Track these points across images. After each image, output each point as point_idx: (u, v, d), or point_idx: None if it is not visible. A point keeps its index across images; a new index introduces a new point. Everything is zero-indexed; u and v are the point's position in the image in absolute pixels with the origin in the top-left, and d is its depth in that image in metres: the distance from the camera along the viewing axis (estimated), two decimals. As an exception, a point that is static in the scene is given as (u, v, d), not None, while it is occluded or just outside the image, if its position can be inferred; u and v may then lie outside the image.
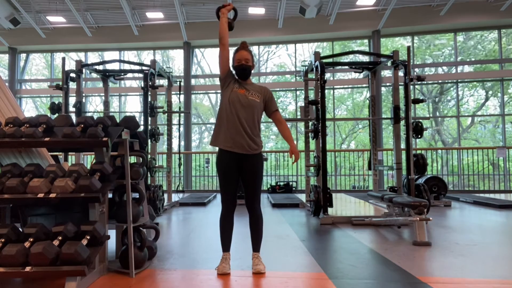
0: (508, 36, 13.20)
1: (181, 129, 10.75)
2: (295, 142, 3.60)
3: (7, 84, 8.95)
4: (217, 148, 2.94)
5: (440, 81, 14.57)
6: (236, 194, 2.94)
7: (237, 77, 2.97)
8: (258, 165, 2.90)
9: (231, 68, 2.99)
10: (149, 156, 6.14)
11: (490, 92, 14.41)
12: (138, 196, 3.08)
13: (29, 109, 15.79)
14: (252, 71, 3.04)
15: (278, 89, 15.47)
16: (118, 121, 3.16)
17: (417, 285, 2.54)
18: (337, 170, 12.33)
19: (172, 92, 7.78)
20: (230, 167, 2.86)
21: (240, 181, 2.93)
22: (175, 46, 14.15)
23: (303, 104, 6.92)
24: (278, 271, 2.88)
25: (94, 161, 2.94)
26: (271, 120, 3.07)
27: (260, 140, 2.93)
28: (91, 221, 2.57)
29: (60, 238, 2.43)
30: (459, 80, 13.67)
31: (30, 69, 15.64)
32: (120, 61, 7.22)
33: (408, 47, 5.70)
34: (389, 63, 6.07)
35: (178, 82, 7.44)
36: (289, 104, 15.69)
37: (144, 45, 14.02)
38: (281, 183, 9.82)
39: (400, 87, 5.73)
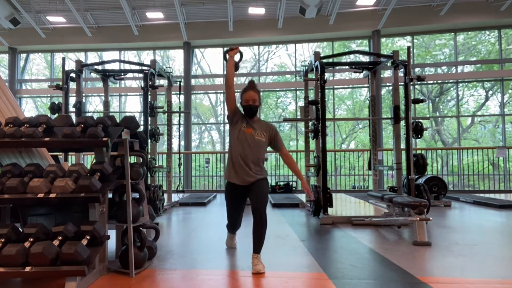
0: (508, 36, 13.20)
1: (181, 129, 10.75)
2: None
3: (7, 84, 8.95)
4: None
5: (440, 81, 14.58)
6: (241, 219, 3.40)
7: (244, 115, 3.19)
8: (263, 184, 3.12)
9: (238, 105, 3.21)
10: (149, 156, 6.14)
11: (490, 92, 14.41)
12: (138, 196, 3.08)
13: (29, 109, 15.80)
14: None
15: (278, 89, 15.48)
16: (118, 121, 3.15)
17: (417, 285, 2.54)
18: (337, 170, 12.33)
19: (172, 92, 7.78)
20: (236, 197, 3.23)
21: (244, 207, 3.35)
22: (175, 46, 14.15)
23: (303, 104, 6.92)
24: (278, 271, 2.88)
25: (94, 161, 2.94)
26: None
27: (265, 170, 3.22)
28: (91, 221, 2.57)
29: (60, 238, 2.43)
30: (459, 80, 13.67)
31: (31, 69, 15.64)
32: (120, 61, 7.22)
33: (408, 47, 5.70)
34: (389, 63, 6.07)
35: (178, 82, 7.44)
36: (289, 104, 15.69)
37: (144, 45, 14.02)
38: (281, 183, 9.81)
39: (400, 87, 5.73)
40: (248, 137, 3.08)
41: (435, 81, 14.46)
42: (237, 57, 3.28)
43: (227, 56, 3.22)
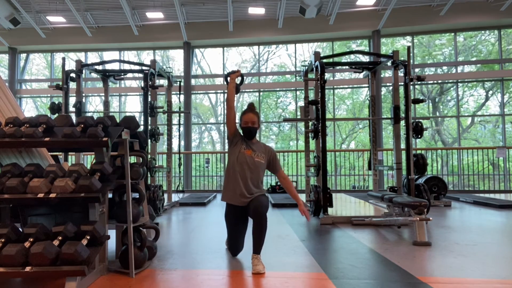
0: (508, 36, 13.20)
1: (181, 129, 10.75)
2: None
3: (7, 84, 8.95)
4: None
5: (440, 81, 14.58)
6: (243, 243, 3.28)
7: (243, 136, 3.24)
8: (261, 196, 3.13)
9: (238, 127, 3.27)
10: (149, 156, 6.14)
11: (490, 92, 14.42)
12: (138, 196, 3.08)
13: (29, 109, 15.81)
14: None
15: (278, 89, 15.49)
16: (118, 121, 3.15)
17: (417, 285, 2.54)
18: (337, 170, 12.33)
19: (172, 92, 7.78)
20: (237, 218, 3.21)
21: (246, 229, 3.29)
22: (175, 46, 14.16)
23: (303, 104, 6.92)
24: (278, 271, 2.88)
25: (94, 161, 2.94)
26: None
27: (263, 189, 3.24)
28: (91, 221, 2.57)
29: (60, 238, 2.43)
30: (459, 80, 13.67)
31: (31, 69, 15.64)
32: (120, 61, 7.22)
33: (408, 47, 5.70)
34: (389, 63, 6.07)
35: (178, 82, 7.44)
36: (289, 104, 15.69)
37: (144, 45, 14.02)
38: (281, 183, 9.81)
39: (400, 87, 5.73)
40: (248, 159, 3.14)
41: (435, 81, 14.46)
42: (238, 80, 3.37)
43: (229, 79, 3.29)
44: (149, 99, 6.24)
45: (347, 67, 8.63)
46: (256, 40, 13.72)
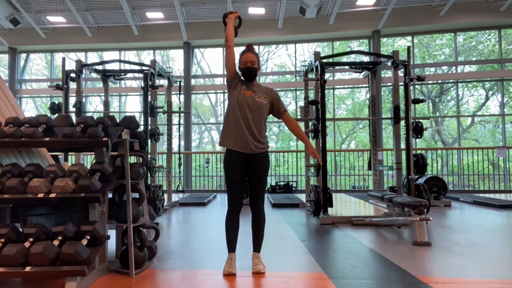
0: (508, 36, 13.20)
1: (181, 129, 10.75)
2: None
3: (7, 84, 8.95)
4: (218, 149, 2.99)
5: (440, 81, 14.58)
6: (242, 193, 2.98)
7: (243, 79, 3.04)
8: (265, 163, 2.96)
9: (238, 70, 3.06)
10: (149, 156, 6.14)
11: (490, 92, 14.41)
12: (138, 196, 3.08)
13: (29, 109, 15.80)
14: (258, 72, 3.09)
15: (278, 89, 15.43)
16: (118, 121, 3.15)
17: (417, 285, 2.54)
18: (337, 170, 12.33)
19: (172, 92, 7.78)
20: (237, 166, 2.91)
21: (246, 181, 2.99)
22: (175, 46, 14.15)
23: (303, 104, 6.92)
24: (278, 271, 2.88)
25: (94, 161, 2.94)
26: (273, 121, 3.13)
27: (266, 139, 3.01)
28: (91, 221, 2.57)
29: (60, 238, 2.43)
30: (459, 80, 13.67)
31: (30, 69, 15.64)
32: (120, 61, 7.22)
33: (408, 47, 5.70)
34: (389, 63, 6.07)
35: (178, 82, 7.44)
36: (289, 104, 15.67)
37: (144, 45, 14.02)
38: (281, 183, 9.81)
39: (400, 87, 5.73)
40: (249, 99, 2.91)
41: (435, 81, 14.46)
42: (236, 22, 3.18)
43: (226, 20, 3.13)
44: (149, 99, 6.24)
45: (347, 67, 8.63)
46: (256, 40, 13.70)
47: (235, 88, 2.99)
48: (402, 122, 5.76)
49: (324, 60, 5.86)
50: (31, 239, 2.43)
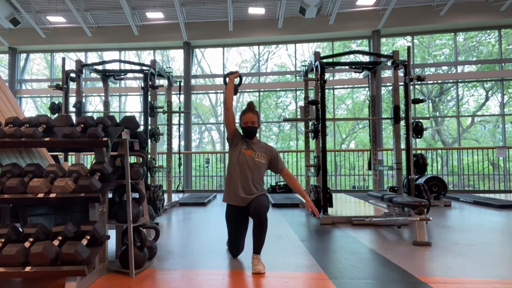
0: (508, 36, 13.20)
1: (181, 129, 10.75)
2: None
3: (7, 84, 8.94)
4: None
5: (440, 81, 14.58)
6: (243, 244, 3.26)
7: (244, 136, 3.22)
8: (262, 196, 3.14)
9: (238, 127, 3.25)
10: (149, 156, 6.14)
11: (490, 92, 14.41)
12: (138, 196, 3.08)
13: (29, 109, 15.81)
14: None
15: (278, 89, 15.49)
16: (118, 121, 3.15)
17: (417, 285, 2.54)
18: (337, 170, 12.33)
19: (172, 92, 7.78)
20: (237, 219, 3.18)
21: (246, 230, 3.26)
22: (175, 46, 14.15)
23: (303, 104, 6.92)
24: (278, 271, 2.88)
25: (94, 161, 2.94)
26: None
27: (263, 188, 3.22)
28: (91, 221, 2.57)
29: (60, 238, 2.43)
30: (459, 80, 13.67)
31: (31, 69, 15.64)
32: (120, 61, 7.22)
33: (408, 47, 5.70)
34: (389, 63, 6.07)
35: (178, 82, 7.44)
36: (289, 104, 15.69)
37: (144, 45, 14.02)
38: (281, 183, 9.81)
39: (400, 87, 5.73)
40: (248, 159, 3.12)
41: (435, 81, 14.46)
42: (236, 81, 3.34)
43: (227, 80, 3.28)
44: (149, 99, 6.24)
45: (347, 67, 8.63)
46: (256, 40, 13.71)
47: (236, 146, 3.18)
48: (402, 122, 5.76)
49: (324, 60, 5.86)
50: (31, 239, 2.43)
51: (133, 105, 15.54)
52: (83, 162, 8.24)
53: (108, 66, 7.39)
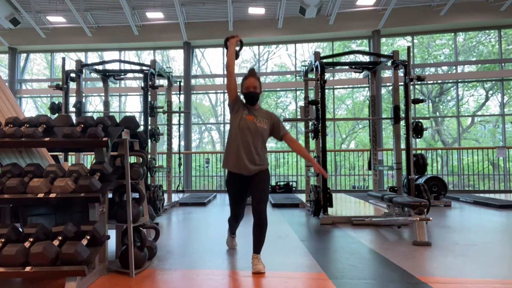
0: (508, 36, 13.20)
1: (181, 129, 10.75)
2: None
3: (7, 84, 8.94)
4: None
5: (440, 81, 14.58)
6: (243, 209, 3.30)
7: (245, 103, 3.15)
8: (262, 178, 3.08)
9: (240, 94, 3.17)
10: (149, 156, 6.14)
11: (490, 92, 14.41)
12: (138, 196, 3.08)
13: (29, 109, 15.80)
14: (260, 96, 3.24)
15: (278, 89, 15.48)
16: (118, 121, 3.15)
17: (417, 285, 2.54)
18: (337, 170, 12.33)
19: (172, 92, 7.78)
20: (239, 188, 3.14)
21: (247, 197, 3.25)
22: (175, 46, 14.15)
23: (303, 104, 6.91)
24: (278, 271, 2.88)
25: (94, 161, 2.94)
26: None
27: (266, 161, 3.15)
28: (91, 221, 2.57)
29: (60, 238, 2.43)
30: (459, 80, 13.67)
31: (31, 69, 15.64)
32: (120, 61, 7.22)
33: (408, 47, 5.70)
34: (389, 63, 6.07)
35: (178, 82, 7.44)
36: (289, 104, 15.69)
37: (144, 45, 14.02)
38: (281, 183, 9.81)
39: (400, 87, 5.73)
40: (250, 125, 3.02)
41: (435, 81, 14.46)
42: (237, 45, 3.25)
43: (228, 44, 3.19)
44: (149, 99, 6.24)
45: (347, 67, 8.63)
46: (256, 40, 13.71)
47: (237, 113, 3.09)
48: (402, 122, 5.76)
49: (324, 60, 5.86)
50: (31, 239, 2.43)
51: (133, 105, 15.55)
52: (83, 162, 8.23)
53: (108, 66, 7.40)
